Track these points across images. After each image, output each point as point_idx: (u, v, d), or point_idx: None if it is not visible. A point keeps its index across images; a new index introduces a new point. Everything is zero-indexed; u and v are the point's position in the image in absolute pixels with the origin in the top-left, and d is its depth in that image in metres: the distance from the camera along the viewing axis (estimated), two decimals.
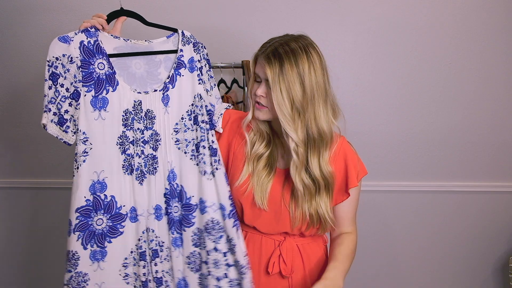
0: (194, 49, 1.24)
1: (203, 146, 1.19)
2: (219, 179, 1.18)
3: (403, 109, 2.02)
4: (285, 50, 1.06)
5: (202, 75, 1.25)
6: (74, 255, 1.14)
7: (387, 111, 2.03)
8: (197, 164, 1.19)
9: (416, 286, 2.16)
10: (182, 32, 1.24)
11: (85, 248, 1.14)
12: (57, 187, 2.11)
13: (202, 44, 1.26)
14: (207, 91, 1.26)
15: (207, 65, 1.28)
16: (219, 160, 1.19)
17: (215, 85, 1.30)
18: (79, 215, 1.13)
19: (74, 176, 1.13)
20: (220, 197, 1.17)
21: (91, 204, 1.14)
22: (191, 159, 1.19)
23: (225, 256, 1.17)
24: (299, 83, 1.05)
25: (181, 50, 1.22)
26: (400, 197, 2.08)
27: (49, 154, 2.10)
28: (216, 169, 1.18)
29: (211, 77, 1.29)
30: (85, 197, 1.13)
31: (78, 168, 1.13)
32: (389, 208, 2.09)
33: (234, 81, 1.85)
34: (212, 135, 1.21)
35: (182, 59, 1.22)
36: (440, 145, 2.04)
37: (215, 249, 1.16)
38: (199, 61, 1.25)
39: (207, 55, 1.28)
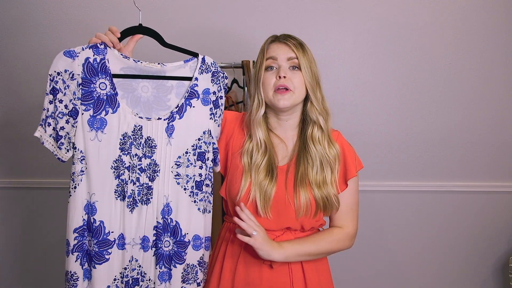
0: (212, 79, 1.17)
1: (207, 184, 1.17)
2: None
3: (403, 109, 2.02)
4: (299, 39, 1.21)
5: (219, 108, 1.18)
6: (73, 275, 1.11)
7: (387, 111, 2.03)
8: (195, 202, 1.16)
9: (416, 286, 2.16)
10: (203, 58, 1.16)
11: (82, 268, 1.12)
12: (57, 187, 2.11)
13: (224, 73, 1.19)
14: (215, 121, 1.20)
15: (224, 97, 1.21)
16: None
17: (221, 115, 1.22)
18: (77, 235, 1.10)
19: (71, 195, 1.10)
20: (207, 231, 1.21)
21: (85, 223, 1.11)
22: (189, 195, 1.16)
23: None
24: (314, 62, 1.20)
25: (196, 79, 1.14)
26: (400, 197, 2.08)
27: (49, 154, 2.06)
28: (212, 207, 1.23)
29: (222, 104, 1.21)
30: (82, 217, 1.10)
31: (75, 187, 1.09)
32: (389, 208, 2.09)
33: (234, 81, 1.85)
34: (212, 173, 1.21)
35: (196, 88, 1.15)
36: (440, 145, 2.04)
37: (204, 280, 1.23)
38: (214, 93, 1.17)
39: (226, 85, 1.20)
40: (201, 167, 1.17)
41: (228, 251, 1.23)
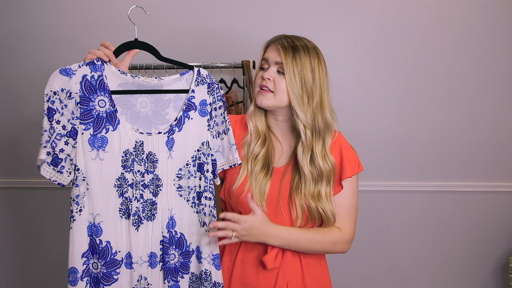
0: (208, 90, 1.16)
1: (206, 197, 1.15)
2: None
3: (403, 109, 2.02)
4: (301, 43, 1.16)
5: (212, 119, 1.17)
6: None
7: (387, 111, 2.03)
8: (197, 213, 1.16)
9: (416, 286, 2.16)
10: (198, 70, 1.16)
11: None
12: (57, 187, 2.10)
13: (218, 84, 1.18)
14: (218, 134, 1.18)
15: (222, 108, 1.18)
16: None
17: (228, 129, 1.19)
18: (86, 259, 1.08)
19: (75, 220, 1.06)
20: (213, 248, 1.16)
21: (90, 246, 1.09)
22: (191, 206, 1.15)
23: None
24: (310, 70, 1.14)
25: (193, 91, 1.14)
26: (400, 197, 2.08)
27: None
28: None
29: (226, 120, 1.19)
30: (86, 240, 1.08)
31: (81, 210, 1.07)
32: (389, 208, 2.09)
33: (234, 81, 1.85)
34: (212, 185, 1.17)
35: (193, 100, 1.14)
36: (440, 145, 2.04)
37: None
38: (211, 104, 1.16)
39: (222, 96, 1.19)
40: (200, 178, 1.16)
41: (227, 248, 1.24)
